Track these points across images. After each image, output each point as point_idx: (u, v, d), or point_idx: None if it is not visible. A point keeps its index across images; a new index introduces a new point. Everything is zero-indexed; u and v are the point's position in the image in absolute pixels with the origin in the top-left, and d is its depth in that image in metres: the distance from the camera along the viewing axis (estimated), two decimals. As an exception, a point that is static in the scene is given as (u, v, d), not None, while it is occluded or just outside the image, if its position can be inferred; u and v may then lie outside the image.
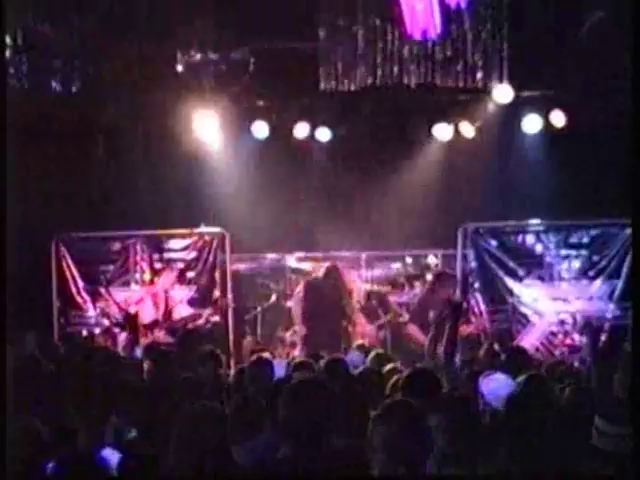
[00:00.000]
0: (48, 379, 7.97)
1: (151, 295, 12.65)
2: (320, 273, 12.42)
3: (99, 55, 12.99)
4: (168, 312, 12.60)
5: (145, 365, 8.75)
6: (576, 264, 13.35)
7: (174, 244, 13.94)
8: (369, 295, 13.41)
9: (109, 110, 13.58)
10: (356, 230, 13.65)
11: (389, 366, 8.47)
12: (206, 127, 13.66)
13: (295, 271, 14.07)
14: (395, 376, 7.70)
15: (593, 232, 13.39)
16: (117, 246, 13.84)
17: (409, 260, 14.11)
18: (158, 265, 13.76)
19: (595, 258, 13.33)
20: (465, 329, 11.95)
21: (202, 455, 4.99)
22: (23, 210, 12.59)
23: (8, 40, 11.96)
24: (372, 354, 9.37)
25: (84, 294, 13.46)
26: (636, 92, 6.85)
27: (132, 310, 12.34)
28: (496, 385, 6.46)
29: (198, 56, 12.95)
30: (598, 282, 13.25)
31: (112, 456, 5.31)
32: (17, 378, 7.59)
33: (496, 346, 12.49)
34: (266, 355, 9.27)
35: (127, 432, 6.39)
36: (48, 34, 12.57)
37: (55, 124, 13.16)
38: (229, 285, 13.71)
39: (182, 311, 13.56)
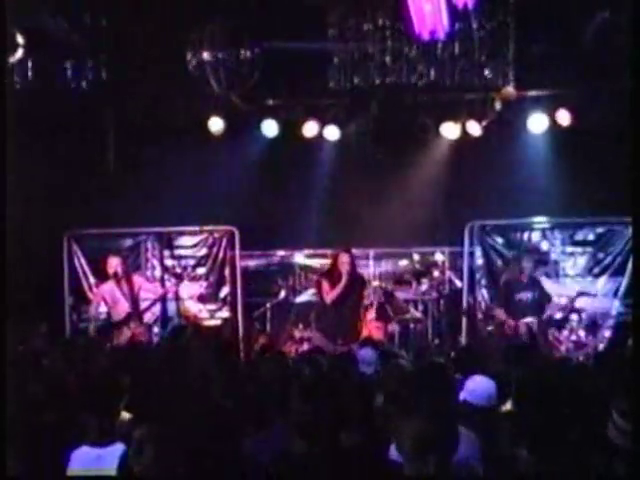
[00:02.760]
0: (58, 373, 8.10)
1: (124, 290, 12.70)
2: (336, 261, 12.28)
3: (109, 53, 13.11)
4: (138, 306, 12.73)
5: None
6: (581, 261, 13.46)
7: (184, 241, 14.10)
8: (377, 292, 13.53)
9: (119, 108, 13.71)
10: (364, 227, 13.75)
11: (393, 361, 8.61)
12: (216, 125, 13.77)
13: (304, 268, 14.18)
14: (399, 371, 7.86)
15: (598, 230, 13.48)
16: (128, 243, 13.99)
17: (416, 257, 14.19)
18: (169, 262, 13.91)
19: (600, 255, 13.44)
20: None
21: (212, 448, 5.10)
22: (35, 207, 12.77)
23: (20, 39, 12.10)
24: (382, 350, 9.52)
25: (95, 290, 13.59)
26: (636, 92, 6.97)
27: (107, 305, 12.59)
28: (474, 385, 6.59)
29: (208, 55, 13.03)
30: (603, 279, 13.36)
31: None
32: (28, 372, 7.76)
33: (502, 341, 12.78)
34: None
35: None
36: (59, 32, 12.69)
37: (66, 121, 13.29)
38: (238, 281, 13.85)
39: (191, 307, 13.72)
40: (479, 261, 13.68)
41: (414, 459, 4.26)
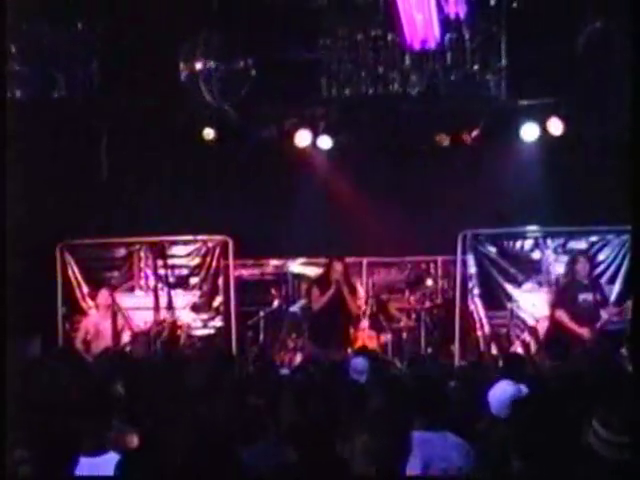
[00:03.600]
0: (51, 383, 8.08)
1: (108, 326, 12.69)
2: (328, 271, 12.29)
3: (102, 63, 13.12)
4: (117, 335, 12.69)
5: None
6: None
7: (178, 250, 14.10)
8: (370, 300, 13.54)
9: (113, 117, 13.72)
10: (357, 236, 13.77)
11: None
12: (209, 135, 13.78)
13: (297, 277, 14.19)
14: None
15: (591, 238, 13.51)
16: (121, 252, 14.01)
17: (409, 266, 14.24)
18: (162, 271, 13.91)
19: (593, 264, 13.45)
20: None
21: (208, 459, 5.11)
22: (28, 216, 12.76)
23: (13, 49, 12.12)
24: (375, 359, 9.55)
25: (89, 300, 13.60)
26: (635, 99, 7.00)
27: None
28: (498, 392, 6.61)
29: (200, 64, 13.05)
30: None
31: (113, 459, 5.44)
32: (21, 382, 7.75)
33: (494, 350, 12.81)
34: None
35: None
36: (52, 42, 12.71)
37: (59, 131, 13.29)
38: (232, 291, 13.86)
39: (185, 317, 13.73)
40: (472, 270, 13.69)
41: (364, 472, 4.29)
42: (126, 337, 12.65)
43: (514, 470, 4.99)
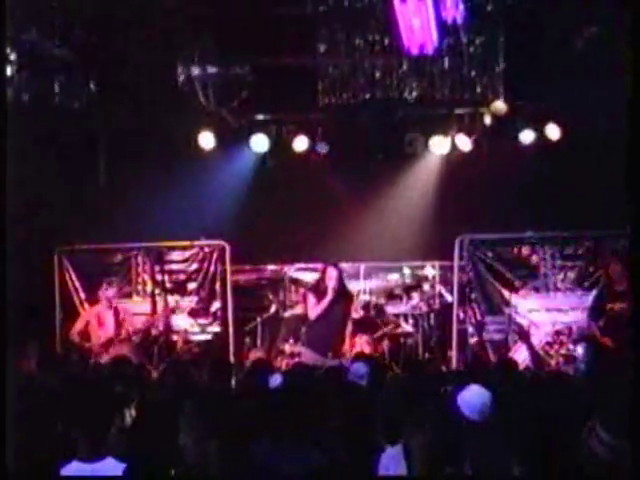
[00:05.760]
0: (48, 389, 8.07)
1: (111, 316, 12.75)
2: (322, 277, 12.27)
3: (99, 69, 13.13)
4: (119, 325, 12.74)
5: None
6: (571, 275, 13.45)
7: (175, 256, 14.07)
8: (367, 306, 13.54)
9: (111, 124, 13.72)
10: (354, 241, 13.77)
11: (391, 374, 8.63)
12: (206, 140, 13.80)
13: (294, 282, 14.19)
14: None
15: (588, 243, 13.50)
16: (119, 258, 13.98)
17: (407, 271, 14.23)
18: (159, 277, 13.90)
19: (590, 269, 13.45)
20: None
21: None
22: (26, 222, 12.75)
23: (12, 56, 12.12)
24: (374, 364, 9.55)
25: (86, 305, 13.58)
26: (634, 103, 6.99)
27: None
28: (469, 395, 6.60)
29: (198, 70, 13.06)
30: (593, 293, 13.33)
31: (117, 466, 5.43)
32: (18, 389, 7.73)
33: (491, 356, 12.82)
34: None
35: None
36: (49, 48, 12.72)
37: (56, 137, 13.29)
38: (229, 296, 13.85)
39: (182, 322, 13.72)
40: (469, 275, 13.68)
41: (429, 469, 4.25)
42: (127, 331, 12.69)
43: (515, 475, 4.99)
